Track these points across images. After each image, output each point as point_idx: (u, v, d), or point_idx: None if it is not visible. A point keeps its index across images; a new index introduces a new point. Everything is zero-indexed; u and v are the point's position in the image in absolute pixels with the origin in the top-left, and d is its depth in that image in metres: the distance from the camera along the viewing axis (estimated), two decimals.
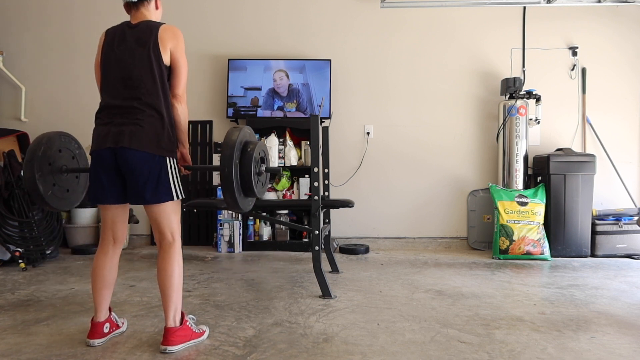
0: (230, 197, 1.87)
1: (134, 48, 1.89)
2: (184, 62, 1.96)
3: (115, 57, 1.91)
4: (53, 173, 2.03)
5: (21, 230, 3.57)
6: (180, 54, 1.95)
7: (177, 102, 1.95)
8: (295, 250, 4.14)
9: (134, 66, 1.88)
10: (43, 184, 1.96)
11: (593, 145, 4.39)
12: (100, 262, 1.96)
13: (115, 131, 1.85)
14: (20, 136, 4.13)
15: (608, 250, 3.97)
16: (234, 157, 1.84)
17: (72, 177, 2.13)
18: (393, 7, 4.38)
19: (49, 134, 2.05)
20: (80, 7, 4.59)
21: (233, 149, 1.85)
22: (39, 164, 1.95)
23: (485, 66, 4.46)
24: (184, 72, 1.96)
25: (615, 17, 4.42)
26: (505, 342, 2.00)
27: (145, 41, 1.89)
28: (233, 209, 1.93)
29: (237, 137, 1.88)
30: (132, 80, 1.88)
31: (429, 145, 4.47)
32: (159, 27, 1.92)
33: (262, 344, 1.97)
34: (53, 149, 2.03)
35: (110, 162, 1.86)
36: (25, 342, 1.97)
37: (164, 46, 1.90)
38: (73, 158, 2.15)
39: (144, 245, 4.49)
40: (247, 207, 1.99)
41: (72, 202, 2.15)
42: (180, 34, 1.97)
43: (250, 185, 1.92)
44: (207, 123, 4.51)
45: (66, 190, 2.10)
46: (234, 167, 1.84)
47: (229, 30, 4.53)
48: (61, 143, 2.09)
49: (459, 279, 3.18)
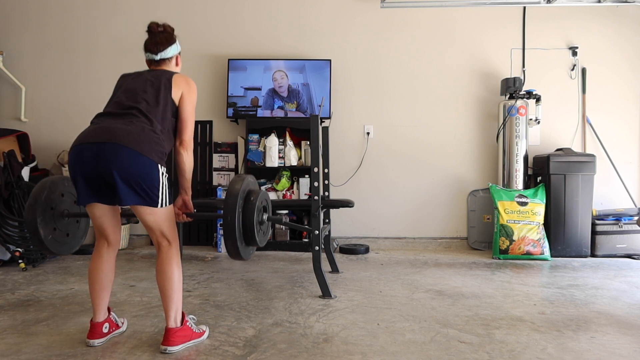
0: (232, 246, 1.88)
1: (147, 79, 1.97)
2: (193, 111, 2.02)
3: (126, 84, 1.99)
4: (54, 217, 2.05)
5: (21, 230, 3.57)
6: (190, 101, 2.00)
7: (183, 148, 1.97)
8: (295, 250, 4.14)
9: (142, 88, 1.94)
10: (44, 229, 1.98)
11: (593, 145, 4.39)
12: (95, 265, 1.95)
13: (105, 127, 1.82)
14: (20, 136, 4.13)
15: (608, 250, 3.97)
16: (237, 207, 1.86)
17: (72, 221, 2.16)
18: (393, 7, 4.38)
19: (53, 179, 2.07)
20: (80, 7, 4.58)
21: (236, 198, 1.88)
22: (42, 209, 1.97)
23: (485, 66, 4.46)
24: (192, 120, 2.01)
25: (615, 17, 4.42)
26: (505, 342, 2.00)
27: (158, 77, 1.97)
28: (234, 257, 1.95)
29: (240, 186, 1.91)
30: (136, 94, 1.92)
31: (429, 145, 4.47)
32: (175, 73, 2.02)
33: (262, 344, 1.97)
34: (56, 193, 2.06)
35: (92, 157, 1.78)
36: (25, 342, 1.97)
37: (176, 86, 1.97)
38: (75, 202, 2.17)
39: (144, 245, 4.49)
40: (248, 256, 2.01)
41: (71, 247, 2.17)
42: (194, 85, 2.05)
43: (252, 235, 1.94)
44: (207, 123, 4.51)
45: (66, 235, 2.13)
46: (237, 216, 1.86)
47: (229, 30, 4.53)
48: (64, 187, 2.11)
49: (459, 279, 3.18)
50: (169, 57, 2.09)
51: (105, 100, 2.07)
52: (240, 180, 1.94)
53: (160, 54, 2.06)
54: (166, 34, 2.08)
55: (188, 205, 2.05)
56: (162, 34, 2.07)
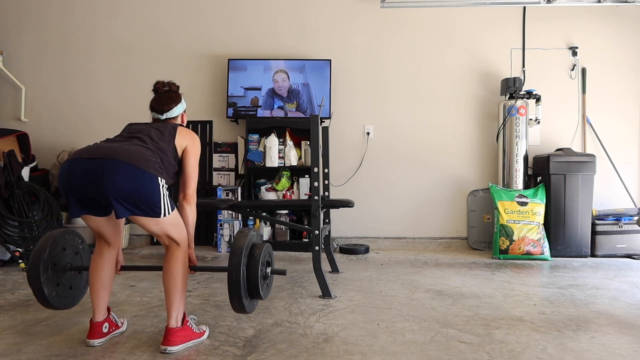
0: (237, 302, 1.91)
1: (152, 126, 2.00)
2: (196, 165, 2.03)
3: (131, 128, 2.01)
4: (57, 272, 2.05)
5: (21, 230, 3.57)
6: (194, 155, 2.02)
7: (187, 202, 1.99)
8: (295, 250, 4.14)
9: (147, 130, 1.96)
10: (48, 287, 1.97)
11: (593, 145, 4.39)
12: (96, 264, 1.96)
13: (103, 146, 1.82)
14: (20, 136, 4.13)
15: (608, 250, 3.97)
16: (241, 264, 1.89)
17: (75, 273, 2.16)
18: (393, 7, 4.38)
19: (54, 234, 2.06)
20: (79, 8, 4.58)
21: (241, 255, 1.90)
22: (44, 266, 1.97)
23: (485, 66, 4.46)
24: (195, 175, 2.02)
25: (615, 17, 4.42)
26: (505, 342, 2.00)
27: (165, 126, 2.01)
28: (239, 312, 1.98)
29: (244, 243, 1.93)
30: (139, 130, 1.95)
31: (429, 145, 4.47)
32: (180, 125, 2.08)
33: (262, 344, 1.97)
34: (58, 248, 2.05)
35: (82, 173, 1.73)
36: (25, 342, 1.97)
37: (180, 136, 1.99)
38: (76, 254, 2.17)
39: (144, 245, 4.49)
40: (251, 310, 2.03)
41: (74, 300, 2.16)
42: (197, 140, 2.08)
43: (257, 290, 1.97)
44: (207, 123, 4.51)
45: (69, 288, 2.12)
46: (242, 274, 1.89)
47: (229, 30, 4.53)
48: (65, 241, 2.11)
49: (459, 279, 3.18)
50: (174, 117, 2.13)
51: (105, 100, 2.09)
52: (244, 236, 1.98)
53: (166, 114, 2.10)
54: (172, 93, 2.13)
55: (192, 259, 2.06)
56: (167, 94, 2.12)
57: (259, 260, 1.97)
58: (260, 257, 1.98)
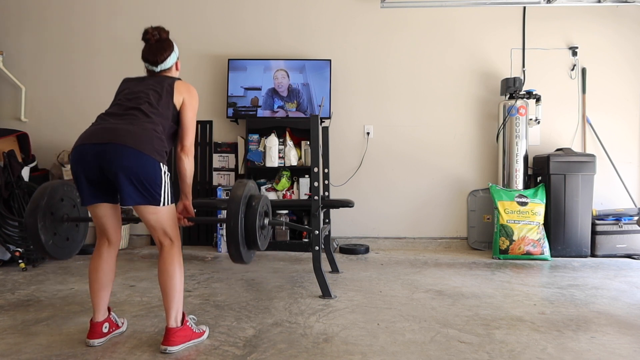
0: (235, 250, 1.92)
1: (149, 84, 1.99)
2: (194, 118, 2.03)
3: (129, 88, 2.01)
4: (54, 222, 2.05)
5: (21, 230, 3.56)
6: (191, 108, 2.01)
7: (184, 154, 1.98)
8: (295, 250, 4.14)
9: (144, 92, 1.95)
10: (44, 234, 1.99)
11: (593, 145, 4.39)
12: (95, 264, 1.96)
13: (108, 127, 1.84)
14: (20, 136, 4.13)
15: (608, 250, 3.97)
16: (239, 212, 1.89)
17: (72, 225, 2.17)
18: (393, 7, 4.38)
19: (53, 184, 2.07)
20: (79, 7, 4.58)
21: (239, 204, 1.90)
22: (42, 214, 1.98)
23: (485, 66, 4.46)
24: (193, 127, 2.02)
25: (615, 17, 4.42)
26: (505, 342, 2.00)
27: (161, 82, 1.99)
28: (237, 261, 1.98)
29: (242, 192, 1.94)
30: (138, 97, 1.94)
31: (429, 145, 4.47)
32: (177, 80, 2.03)
33: (262, 344, 1.97)
34: (56, 198, 2.06)
35: (93, 158, 1.79)
36: (25, 342, 1.97)
37: (178, 92, 1.98)
38: (74, 207, 2.18)
39: (144, 245, 4.49)
40: (249, 260, 2.04)
41: (71, 251, 2.18)
42: (195, 92, 2.06)
43: (254, 239, 1.97)
44: (207, 123, 4.51)
45: (66, 239, 2.13)
46: (240, 222, 1.89)
47: (229, 30, 4.53)
48: (64, 192, 2.12)
49: (459, 279, 3.18)
50: (169, 67, 2.10)
51: (105, 100, 2.08)
52: (242, 185, 1.97)
53: (160, 66, 2.07)
54: (163, 42, 2.06)
55: (189, 209, 2.07)
56: (159, 43, 2.06)
57: (257, 210, 1.97)
58: (258, 207, 1.97)
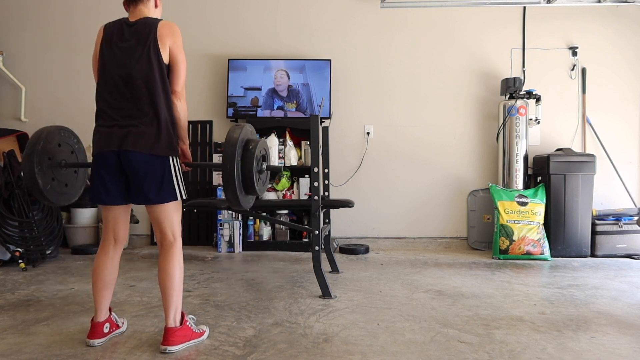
0: (232, 195, 1.87)
1: (133, 47, 1.89)
2: (183, 58, 1.96)
3: (114, 57, 1.90)
4: (52, 167, 2.02)
5: (21, 230, 3.57)
6: (178, 50, 1.94)
7: (176, 98, 1.95)
8: (295, 250, 4.14)
9: (133, 66, 1.88)
10: (42, 178, 1.95)
11: (593, 145, 4.39)
12: (100, 262, 1.96)
13: (119, 133, 1.85)
14: (20, 136, 4.13)
15: (608, 250, 3.97)
16: (235, 155, 1.84)
17: (70, 171, 2.13)
18: (393, 7, 4.38)
19: (49, 128, 2.05)
20: (80, 7, 4.59)
21: (235, 146, 1.85)
22: (39, 158, 1.94)
23: (485, 66, 4.46)
24: (183, 69, 1.96)
25: (615, 17, 4.41)
26: (505, 342, 2.00)
27: (144, 40, 1.89)
28: (234, 206, 1.94)
29: (239, 135, 1.88)
30: (132, 80, 1.87)
31: (429, 145, 4.47)
32: (157, 24, 1.92)
33: (262, 344, 1.97)
34: (52, 143, 2.03)
35: (113, 164, 1.86)
36: (25, 342, 1.97)
37: (162, 43, 1.90)
38: (72, 153, 2.15)
39: (144, 245, 4.49)
40: (247, 205, 1.99)
41: (70, 197, 2.14)
42: (178, 30, 1.96)
43: (251, 183, 1.92)
44: (207, 123, 4.51)
45: (65, 185, 2.10)
46: (236, 165, 1.84)
47: (229, 30, 4.53)
48: (60, 137, 2.09)
49: (459, 279, 3.18)
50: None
51: None
52: (239, 129, 1.91)
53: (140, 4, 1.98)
54: None
55: (186, 154, 2.05)
56: None
57: (254, 154, 1.92)
58: (255, 151, 1.93)
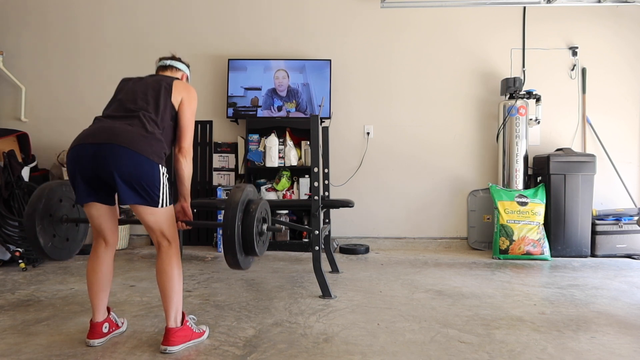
0: (232, 258, 1.88)
1: (148, 83, 2.00)
2: (192, 118, 2.03)
3: (128, 86, 2.01)
4: (53, 223, 2.04)
5: (21, 230, 3.56)
6: (190, 108, 2.02)
7: (182, 156, 1.98)
8: (295, 250, 4.14)
9: (142, 91, 1.95)
10: (43, 237, 1.97)
11: (593, 145, 4.39)
12: (92, 265, 1.95)
13: (105, 127, 1.83)
14: (20, 136, 4.13)
15: (608, 250, 3.97)
16: (236, 219, 1.86)
17: (71, 225, 2.15)
18: (393, 7, 4.39)
19: (51, 185, 2.06)
20: (80, 7, 4.59)
21: (236, 210, 1.86)
22: (40, 216, 1.96)
23: (486, 66, 4.46)
24: (191, 128, 2.02)
25: (615, 18, 4.42)
26: (505, 342, 2.00)
27: (159, 81, 2.00)
28: (233, 268, 1.95)
29: (239, 198, 1.90)
30: (136, 96, 1.94)
31: (429, 145, 4.47)
32: (176, 79, 2.06)
33: (262, 344, 1.97)
34: (54, 199, 2.05)
35: (90, 158, 1.78)
36: (25, 342, 1.97)
37: (176, 91, 2.00)
38: (73, 207, 2.17)
39: (144, 245, 4.49)
40: (247, 267, 2.00)
41: (71, 251, 2.17)
42: (194, 93, 2.08)
43: (252, 246, 1.93)
44: (207, 123, 4.51)
45: (66, 240, 2.12)
46: (237, 229, 1.85)
47: (229, 31, 4.53)
48: (62, 193, 2.11)
49: (459, 279, 3.18)
50: (178, 67, 2.17)
51: (105, 100, 2.08)
52: (240, 190, 1.93)
53: (171, 61, 2.15)
54: None
55: (187, 212, 2.06)
56: None
57: (255, 216, 1.92)
58: (256, 213, 1.93)
